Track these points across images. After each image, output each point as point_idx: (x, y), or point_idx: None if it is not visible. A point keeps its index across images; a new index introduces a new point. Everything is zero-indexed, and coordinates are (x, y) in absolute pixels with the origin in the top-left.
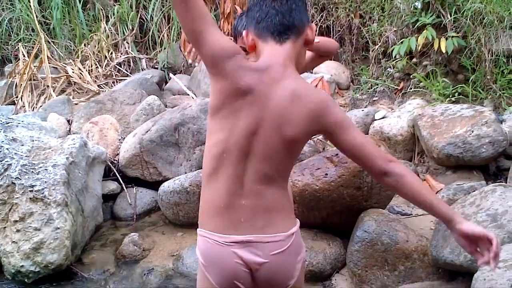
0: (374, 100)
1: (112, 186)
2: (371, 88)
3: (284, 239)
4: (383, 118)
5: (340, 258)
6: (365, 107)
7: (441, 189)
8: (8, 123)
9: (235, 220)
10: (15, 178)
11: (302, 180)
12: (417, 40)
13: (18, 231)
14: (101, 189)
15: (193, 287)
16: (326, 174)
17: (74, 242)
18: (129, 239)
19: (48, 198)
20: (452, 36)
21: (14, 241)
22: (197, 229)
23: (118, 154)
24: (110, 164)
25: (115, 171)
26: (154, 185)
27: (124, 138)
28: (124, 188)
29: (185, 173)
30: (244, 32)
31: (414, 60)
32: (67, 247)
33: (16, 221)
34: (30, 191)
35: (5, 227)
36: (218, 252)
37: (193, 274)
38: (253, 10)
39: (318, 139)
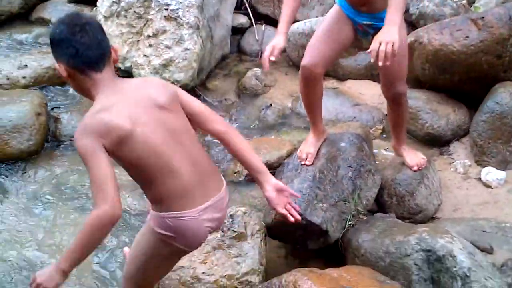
0: None
1: (242, 19)
2: None
3: (226, 191)
4: None
5: (464, 126)
6: None
7: None
8: None
9: (197, 194)
10: None
11: (439, 39)
12: None
13: (150, 46)
14: (232, 20)
15: (307, 128)
16: (467, 37)
17: (201, 66)
18: (252, 73)
19: (181, 19)
20: None
21: (145, 55)
22: (160, 214)
23: None
24: None
25: (246, 5)
26: None
27: None
28: (253, 24)
29: (316, 17)
30: (56, 65)
31: None
32: (194, 69)
33: (149, 36)
34: (165, 9)
35: (138, 41)
36: (193, 224)
37: None
38: (62, 46)
39: (461, 3)
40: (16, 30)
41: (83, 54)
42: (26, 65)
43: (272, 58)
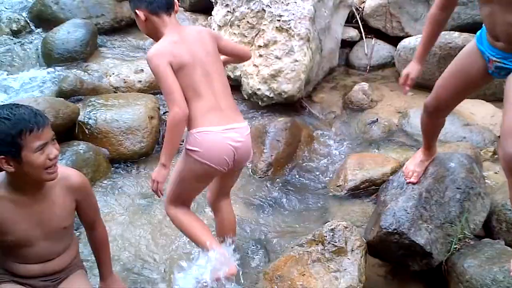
0: None
1: (352, 33)
2: None
3: (247, 126)
4: None
5: None
6: None
7: None
8: None
9: (222, 116)
10: (266, 6)
11: None
12: None
13: (260, 56)
14: (341, 33)
15: (413, 146)
16: None
17: (308, 78)
18: (359, 87)
19: (293, 30)
20: None
21: (255, 65)
22: (191, 131)
23: (364, 2)
24: (354, 10)
25: (358, 18)
26: (393, 40)
27: None
28: (363, 37)
29: None
30: (136, 12)
31: None
32: (302, 81)
33: (260, 46)
34: (277, 20)
35: (249, 50)
36: (216, 138)
37: (416, 134)
38: None
39: None
40: (134, 35)
41: (158, 1)
42: (142, 69)
43: (407, 88)
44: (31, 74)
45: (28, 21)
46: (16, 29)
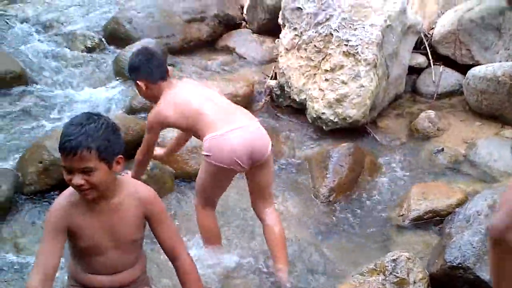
0: None
1: (420, 59)
2: None
3: (256, 123)
4: None
5: None
6: None
7: None
8: None
9: (226, 120)
10: (334, 30)
11: None
12: None
13: (326, 80)
14: (409, 59)
15: (481, 179)
16: None
17: (374, 103)
18: (425, 115)
19: (360, 55)
20: None
21: (321, 89)
22: (204, 138)
23: (433, 28)
24: (423, 36)
25: (426, 45)
26: (462, 68)
27: (443, 12)
28: (431, 64)
29: (500, 61)
30: (139, 82)
31: None
32: (367, 106)
33: (326, 71)
34: (345, 45)
35: (315, 74)
36: (222, 141)
37: (483, 165)
38: (141, 69)
39: None
40: (202, 56)
41: (156, 73)
42: None
43: None
44: (103, 90)
45: (102, 39)
46: (90, 46)
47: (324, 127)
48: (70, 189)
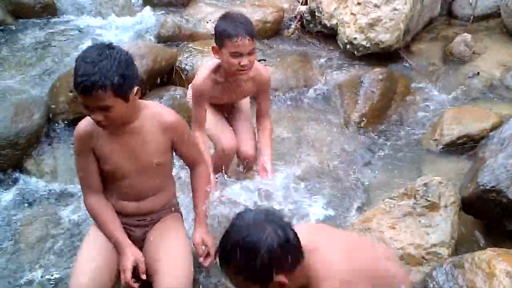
0: None
1: None
2: None
3: None
4: None
5: None
6: None
7: None
8: None
9: None
10: None
11: None
12: None
13: (358, 4)
14: None
15: None
16: None
17: (408, 27)
18: (461, 38)
19: None
20: None
21: (352, 13)
22: None
23: None
24: None
25: None
26: None
27: None
28: None
29: None
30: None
31: None
32: (400, 30)
33: None
34: None
35: None
36: None
37: None
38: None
39: None
40: None
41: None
42: None
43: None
44: (132, 18)
45: None
46: None
47: (355, 52)
48: None
